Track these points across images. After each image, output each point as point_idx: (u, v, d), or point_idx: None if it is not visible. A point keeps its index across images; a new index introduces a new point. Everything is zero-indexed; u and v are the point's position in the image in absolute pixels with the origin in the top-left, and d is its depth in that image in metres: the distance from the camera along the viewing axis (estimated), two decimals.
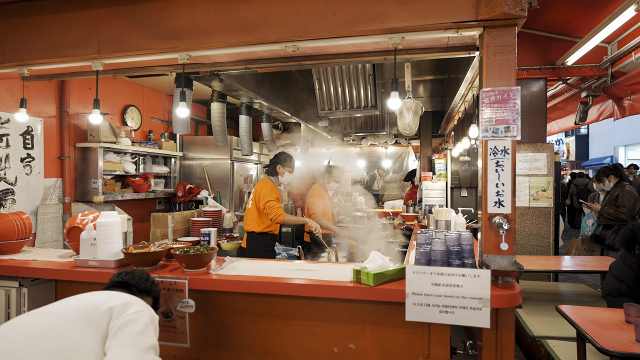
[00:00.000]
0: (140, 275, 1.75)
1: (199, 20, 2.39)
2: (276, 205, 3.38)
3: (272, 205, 3.36)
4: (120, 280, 1.70)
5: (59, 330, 1.30)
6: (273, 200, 3.38)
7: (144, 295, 1.69)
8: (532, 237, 4.51)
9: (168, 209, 5.64)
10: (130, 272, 1.75)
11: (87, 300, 1.47)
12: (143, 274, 1.77)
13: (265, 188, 3.45)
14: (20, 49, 2.72)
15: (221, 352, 2.18)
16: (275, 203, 3.38)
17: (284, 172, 3.60)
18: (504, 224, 1.89)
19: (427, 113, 7.00)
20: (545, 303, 3.53)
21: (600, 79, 4.80)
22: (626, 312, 2.13)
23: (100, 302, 1.44)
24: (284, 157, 3.63)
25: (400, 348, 1.97)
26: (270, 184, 3.52)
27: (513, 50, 1.96)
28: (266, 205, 3.36)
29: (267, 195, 3.40)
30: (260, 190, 3.47)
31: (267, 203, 3.36)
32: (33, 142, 3.81)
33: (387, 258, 2.11)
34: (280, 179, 3.62)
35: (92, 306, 1.42)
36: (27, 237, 2.77)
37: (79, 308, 1.41)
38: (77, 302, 1.47)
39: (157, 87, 5.43)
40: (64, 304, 1.45)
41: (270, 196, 3.39)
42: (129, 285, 1.68)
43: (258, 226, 3.46)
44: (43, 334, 1.27)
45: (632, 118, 10.29)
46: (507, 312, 1.87)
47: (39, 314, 1.38)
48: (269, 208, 3.35)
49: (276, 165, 3.60)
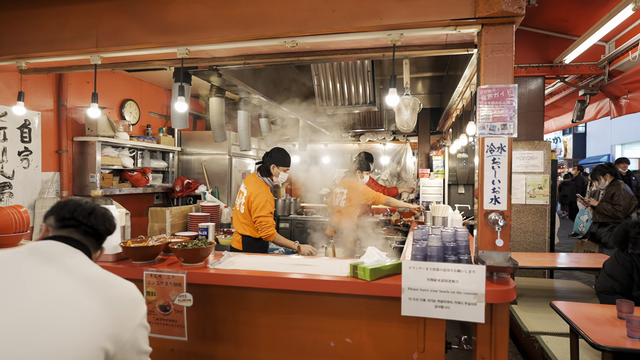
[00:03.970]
0: (103, 215, 1.33)
1: (198, 15, 2.39)
2: (269, 222, 3.08)
3: (265, 222, 3.06)
4: (89, 226, 1.28)
5: None
6: (266, 215, 3.08)
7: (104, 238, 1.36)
8: (528, 234, 4.54)
9: (166, 203, 5.64)
10: (84, 208, 1.29)
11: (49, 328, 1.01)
12: (102, 210, 1.34)
13: (260, 198, 3.10)
14: (18, 42, 2.71)
15: (218, 346, 2.20)
16: (268, 219, 3.08)
17: (278, 172, 3.25)
18: (500, 221, 1.91)
19: (425, 110, 7.01)
20: (540, 299, 3.56)
21: (597, 78, 4.82)
22: (618, 308, 2.16)
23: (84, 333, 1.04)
24: (279, 156, 3.26)
25: (396, 342, 1.99)
26: (265, 190, 3.18)
27: (510, 48, 1.97)
28: (257, 221, 3.08)
29: (261, 209, 3.07)
30: (254, 198, 3.11)
31: (260, 219, 3.07)
32: (30, 136, 3.80)
33: (384, 253, 2.13)
34: (275, 180, 3.29)
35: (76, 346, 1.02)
36: (25, 231, 2.77)
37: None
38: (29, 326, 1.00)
39: (155, 81, 5.42)
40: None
41: (264, 211, 3.07)
42: (98, 235, 1.31)
43: (252, 232, 3.20)
44: None
45: (629, 117, 10.35)
46: (501, 307, 1.90)
47: None
48: (260, 224, 3.07)
49: (270, 166, 3.24)
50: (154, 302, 2.07)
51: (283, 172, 3.27)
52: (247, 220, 3.19)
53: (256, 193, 3.12)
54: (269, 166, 3.24)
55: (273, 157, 3.25)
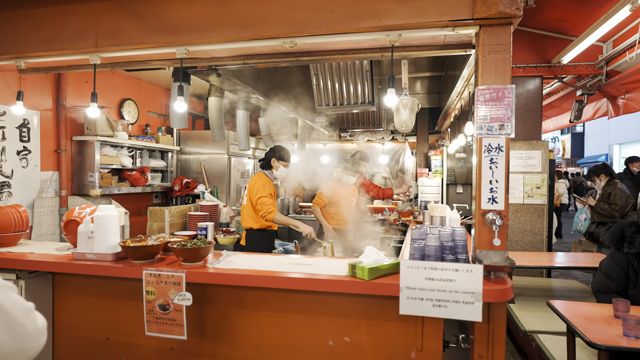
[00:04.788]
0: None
1: (197, 15, 2.39)
2: (268, 201, 3.29)
3: (263, 201, 3.28)
4: None
5: None
6: (265, 196, 3.30)
7: None
8: (526, 233, 4.56)
9: (165, 203, 5.65)
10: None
11: None
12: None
13: (259, 183, 3.38)
14: (17, 42, 2.71)
15: (218, 345, 2.21)
16: (267, 199, 3.30)
17: (278, 166, 3.50)
18: (497, 220, 1.93)
19: (423, 110, 7.03)
20: (537, 298, 3.58)
21: (595, 78, 4.84)
22: (615, 307, 2.17)
23: None
24: (279, 151, 3.54)
25: (394, 341, 2.01)
26: (264, 178, 3.45)
27: (508, 49, 1.98)
28: (258, 201, 3.29)
29: (260, 191, 3.32)
30: (253, 184, 3.40)
31: (259, 199, 3.28)
32: (29, 135, 3.80)
33: (382, 253, 2.14)
34: (274, 173, 3.53)
35: None
36: (24, 230, 2.78)
37: None
38: None
39: (154, 80, 5.41)
40: None
41: (262, 192, 3.31)
42: None
43: (255, 222, 3.42)
44: None
45: (626, 116, 10.38)
46: (499, 306, 1.91)
47: None
48: (260, 204, 3.28)
49: (271, 159, 3.52)
50: (153, 301, 2.08)
51: (283, 166, 3.53)
52: (249, 210, 3.43)
53: (255, 180, 3.44)
54: (270, 160, 3.53)
55: (275, 152, 3.55)
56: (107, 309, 2.37)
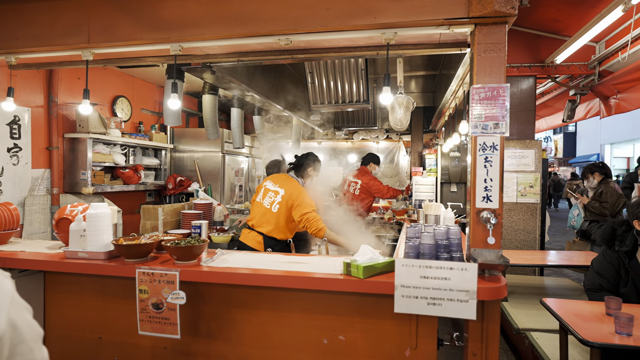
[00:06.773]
0: None
1: (191, 11, 2.37)
2: (317, 217, 3.03)
3: (312, 217, 3.01)
4: None
5: None
6: (312, 212, 3.04)
7: None
8: (519, 232, 4.60)
9: (158, 201, 5.61)
10: None
11: None
12: None
13: (302, 194, 3.10)
14: (6, 37, 2.66)
15: (211, 344, 2.20)
16: (315, 215, 3.04)
17: (312, 176, 3.34)
18: (492, 219, 1.94)
19: (418, 108, 7.04)
20: (530, 296, 3.61)
21: (588, 78, 4.88)
22: (607, 305, 2.19)
23: None
24: (317, 161, 3.37)
25: (389, 339, 2.01)
26: (304, 189, 3.21)
27: (503, 47, 1.99)
28: (305, 218, 3.02)
29: (307, 206, 3.04)
30: (296, 196, 3.09)
31: (307, 215, 3.02)
32: (20, 132, 3.75)
33: (377, 251, 2.14)
34: (303, 182, 3.33)
35: None
36: (15, 229, 2.74)
37: None
38: None
39: (147, 78, 5.37)
40: None
41: (310, 206, 3.05)
42: None
43: (282, 233, 3.16)
44: None
45: (618, 116, 10.50)
46: (492, 304, 1.92)
47: None
48: (308, 221, 3.01)
49: (308, 168, 3.31)
50: (146, 300, 2.06)
51: (311, 179, 3.36)
52: (281, 221, 3.14)
53: (297, 191, 3.12)
54: (307, 168, 3.32)
55: (313, 161, 3.35)
56: (100, 308, 2.34)
